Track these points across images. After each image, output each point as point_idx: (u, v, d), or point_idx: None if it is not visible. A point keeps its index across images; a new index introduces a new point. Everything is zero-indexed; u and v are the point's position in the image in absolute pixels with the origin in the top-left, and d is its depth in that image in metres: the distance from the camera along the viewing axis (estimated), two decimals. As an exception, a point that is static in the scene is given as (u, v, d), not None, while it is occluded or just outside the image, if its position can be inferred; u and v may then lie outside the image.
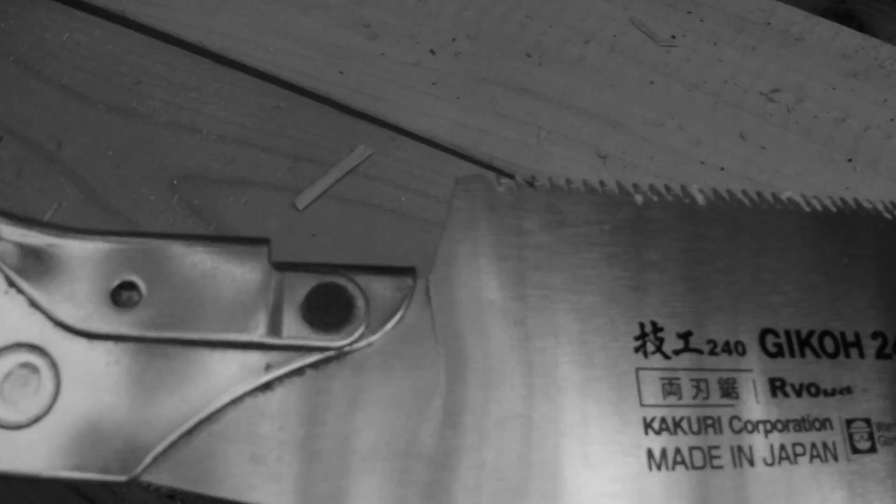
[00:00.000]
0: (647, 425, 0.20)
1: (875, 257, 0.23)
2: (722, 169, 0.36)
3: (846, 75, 0.39)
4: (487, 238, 0.21)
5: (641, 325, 0.21)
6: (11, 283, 0.19)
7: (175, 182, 0.37)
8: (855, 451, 0.22)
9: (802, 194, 0.24)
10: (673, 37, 0.40)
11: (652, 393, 0.21)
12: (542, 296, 0.21)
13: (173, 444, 0.18)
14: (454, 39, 0.40)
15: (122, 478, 0.18)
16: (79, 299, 0.19)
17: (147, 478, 0.18)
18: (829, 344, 0.23)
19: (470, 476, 0.19)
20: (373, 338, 0.19)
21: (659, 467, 0.20)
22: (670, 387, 0.21)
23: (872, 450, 0.22)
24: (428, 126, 0.37)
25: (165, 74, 0.40)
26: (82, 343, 0.19)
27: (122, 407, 0.18)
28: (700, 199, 0.23)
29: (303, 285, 0.20)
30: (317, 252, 0.35)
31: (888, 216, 0.24)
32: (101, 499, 0.39)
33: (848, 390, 0.22)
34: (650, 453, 0.20)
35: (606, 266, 0.22)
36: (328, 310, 0.19)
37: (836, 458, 0.21)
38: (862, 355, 0.23)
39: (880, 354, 0.23)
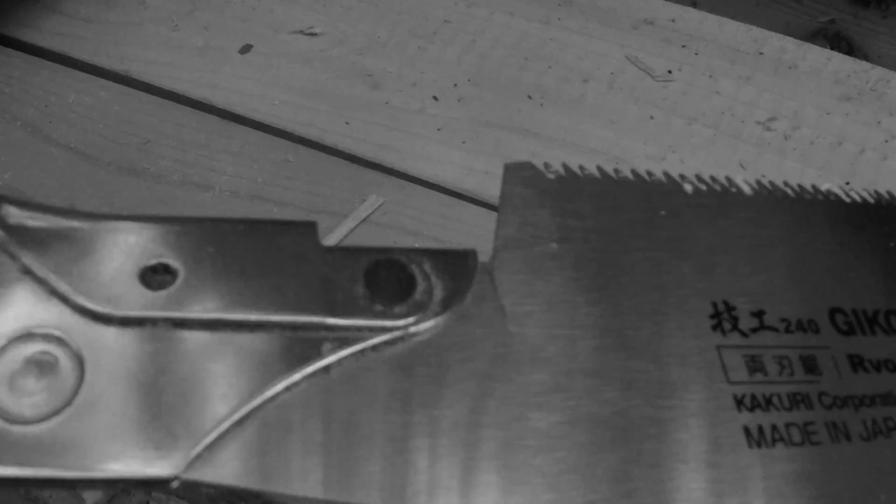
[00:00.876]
0: (739, 402, 0.19)
1: None
2: (725, 199, 0.37)
3: (840, 100, 0.40)
4: (545, 221, 0.20)
5: (714, 304, 0.21)
6: (26, 270, 0.17)
7: (190, 240, 0.37)
8: None
9: (840, 186, 0.24)
10: (669, 71, 0.41)
11: (737, 370, 0.20)
12: (610, 276, 0.20)
13: (223, 436, 0.16)
14: (456, 85, 0.40)
15: (167, 473, 0.16)
16: (103, 282, 0.17)
17: (194, 475, 0.16)
18: (895, 322, 0.22)
19: (555, 465, 0.18)
20: (437, 319, 0.18)
21: (759, 444, 0.19)
22: (754, 364, 0.20)
23: None
24: (435, 172, 0.38)
25: (174, 133, 0.40)
26: (108, 329, 0.17)
27: (160, 396, 0.16)
28: (746, 189, 0.23)
29: (360, 262, 0.18)
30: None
31: None
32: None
33: None
34: (747, 430, 0.19)
35: (669, 248, 0.21)
36: (388, 287, 0.17)
37: None
38: None
39: None
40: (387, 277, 0.18)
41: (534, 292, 0.19)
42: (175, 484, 0.16)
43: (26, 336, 0.17)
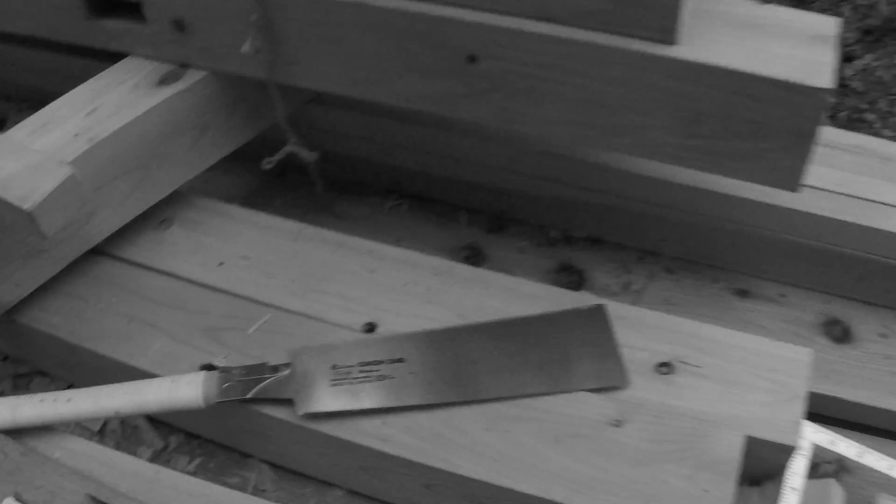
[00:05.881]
0: (333, 382, 0.69)
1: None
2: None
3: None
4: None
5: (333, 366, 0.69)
6: None
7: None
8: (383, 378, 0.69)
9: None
10: None
11: (340, 378, 0.70)
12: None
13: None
14: None
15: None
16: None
17: None
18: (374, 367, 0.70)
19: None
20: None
21: (339, 384, 0.69)
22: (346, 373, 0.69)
23: (382, 379, 0.69)
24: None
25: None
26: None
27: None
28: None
29: None
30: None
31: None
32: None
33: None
34: (332, 380, 0.70)
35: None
36: None
37: None
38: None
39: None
40: None
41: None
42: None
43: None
